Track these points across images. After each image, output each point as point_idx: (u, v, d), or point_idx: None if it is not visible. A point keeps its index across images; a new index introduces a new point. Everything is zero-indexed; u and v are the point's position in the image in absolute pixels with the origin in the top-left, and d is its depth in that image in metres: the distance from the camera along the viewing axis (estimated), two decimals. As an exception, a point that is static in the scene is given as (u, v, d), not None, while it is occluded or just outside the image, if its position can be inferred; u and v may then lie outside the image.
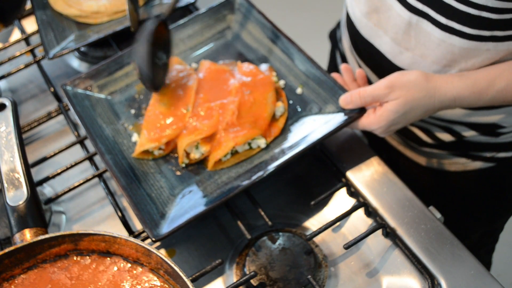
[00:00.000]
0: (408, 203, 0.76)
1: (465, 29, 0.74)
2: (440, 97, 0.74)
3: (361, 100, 0.77)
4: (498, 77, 0.74)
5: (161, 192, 0.78)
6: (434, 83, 0.74)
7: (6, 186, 0.68)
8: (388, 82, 0.75)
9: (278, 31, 0.90)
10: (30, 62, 1.01)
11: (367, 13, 0.85)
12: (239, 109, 0.82)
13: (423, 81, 0.74)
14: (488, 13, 0.72)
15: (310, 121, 0.82)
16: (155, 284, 0.63)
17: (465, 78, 0.75)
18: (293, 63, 0.88)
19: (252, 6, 0.94)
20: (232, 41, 0.95)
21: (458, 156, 0.94)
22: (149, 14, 1.00)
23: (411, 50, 0.81)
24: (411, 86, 0.74)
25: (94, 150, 0.86)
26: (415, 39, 0.80)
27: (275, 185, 0.82)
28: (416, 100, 0.74)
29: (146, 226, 0.72)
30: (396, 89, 0.74)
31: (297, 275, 0.71)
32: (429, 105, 0.75)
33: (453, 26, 0.75)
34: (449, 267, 0.69)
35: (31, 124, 0.94)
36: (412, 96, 0.74)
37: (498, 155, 0.93)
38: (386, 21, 0.82)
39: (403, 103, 0.74)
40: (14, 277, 0.64)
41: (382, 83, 0.75)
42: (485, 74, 0.75)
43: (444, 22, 0.75)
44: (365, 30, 0.87)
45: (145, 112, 0.87)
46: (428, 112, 0.76)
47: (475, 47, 0.76)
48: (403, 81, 0.74)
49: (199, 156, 0.81)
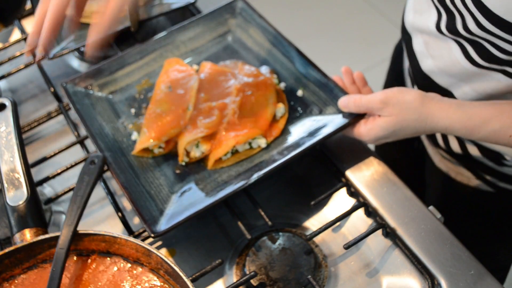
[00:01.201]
0: (408, 203, 0.76)
1: (479, 60, 0.75)
2: (431, 124, 0.74)
3: (356, 108, 0.78)
4: (495, 118, 0.71)
5: (160, 190, 0.78)
6: (428, 109, 0.73)
7: (6, 186, 0.68)
8: (383, 98, 0.75)
9: (279, 34, 0.91)
10: (30, 62, 1.01)
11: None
12: (240, 108, 0.82)
13: (418, 104, 0.74)
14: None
15: (310, 122, 0.83)
16: (155, 284, 0.63)
17: (461, 111, 0.73)
18: (294, 66, 0.88)
19: (254, 10, 0.95)
20: (233, 44, 0.95)
21: (465, 168, 0.94)
22: (149, 14, 1.00)
23: (434, 58, 0.82)
24: (404, 107, 0.74)
25: (94, 150, 0.86)
26: (438, 50, 0.81)
27: (275, 185, 0.82)
28: (407, 121, 0.74)
29: (145, 222, 0.72)
30: (390, 106, 0.75)
31: (297, 275, 0.71)
32: (420, 128, 0.75)
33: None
34: (449, 267, 0.69)
35: (31, 124, 0.94)
36: (403, 117, 0.74)
37: (499, 183, 0.92)
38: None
39: (393, 122, 0.75)
40: (14, 277, 0.64)
41: (377, 97, 0.76)
42: (482, 111, 0.72)
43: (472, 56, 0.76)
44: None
45: (145, 112, 0.87)
46: (418, 133, 0.76)
47: (485, 73, 0.76)
48: (398, 99, 0.74)
49: (199, 154, 0.81)
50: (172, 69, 0.89)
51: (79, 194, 0.67)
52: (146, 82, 0.92)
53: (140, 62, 0.93)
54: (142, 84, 0.92)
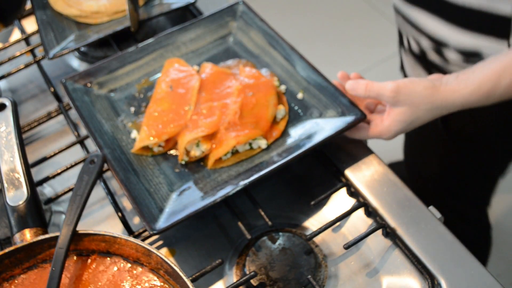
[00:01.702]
0: (408, 203, 0.76)
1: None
2: (447, 106, 0.75)
3: (366, 92, 0.78)
4: (502, 74, 0.74)
5: (159, 188, 0.78)
6: (440, 95, 0.75)
7: (6, 186, 0.68)
8: (395, 87, 0.76)
9: (280, 38, 0.91)
10: (30, 62, 1.01)
11: None
12: (241, 109, 0.82)
13: (429, 94, 0.75)
14: None
15: (310, 124, 0.83)
16: (155, 284, 0.63)
17: (470, 83, 0.75)
18: (295, 69, 0.89)
19: (255, 13, 0.95)
20: (234, 46, 0.96)
21: None
22: (149, 14, 1.00)
23: None
24: (416, 96, 0.75)
25: (94, 150, 0.86)
26: None
27: (275, 185, 0.82)
28: (422, 111, 0.76)
29: (144, 220, 0.72)
30: (401, 96, 0.75)
31: (297, 275, 0.71)
32: (436, 114, 0.77)
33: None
34: (449, 267, 0.69)
35: (31, 124, 0.94)
36: (417, 107, 0.75)
37: None
38: None
39: (409, 113, 0.76)
40: (14, 277, 0.64)
41: (389, 85, 0.76)
42: (489, 74, 0.74)
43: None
44: None
45: (144, 111, 0.87)
46: (435, 118, 0.78)
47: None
48: (409, 90, 0.75)
49: (199, 154, 0.81)
50: (173, 69, 0.89)
51: (78, 194, 0.67)
52: (146, 81, 0.92)
53: (140, 61, 0.93)
54: (142, 83, 0.92)
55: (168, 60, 0.91)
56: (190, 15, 1.07)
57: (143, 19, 0.99)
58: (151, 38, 0.94)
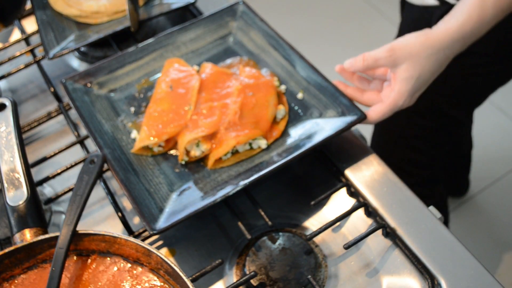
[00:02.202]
0: (408, 203, 0.76)
1: None
2: (448, 45, 0.75)
3: (364, 62, 0.79)
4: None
5: (159, 188, 0.78)
6: (436, 37, 0.75)
7: (6, 186, 0.68)
8: (389, 46, 0.77)
9: (280, 38, 0.91)
10: (30, 62, 1.01)
11: None
12: (241, 109, 0.82)
13: (424, 40, 0.75)
14: None
15: (310, 124, 0.83)
16: (155, 284, 0.63)
17: (459, 16, 0.75)
18: (295, 69, 0.89)
19: (255, 14, 0.95)
20: (234, 46, 0.96)
21: None
22: (149, 14, 1.00)
23: None
24: (411, 46, 0.75)
25: (94, 150, 0.86)
26: None
27: (275, 185, 0.82)
28: (425, 59, 0.75)
29: (144, 219, 0.72)
30: (397, 51, 0.75)
31: (297, 275, 0.71)
32: (441, 59, 0.75)
33: None
34: (449, 267, 0.69)
35: (31, 124, 0.94)
36: (418, 57, 0.75)
37: None
38: None
39: (412, 67, 0.75)
40: (14, 277, 0.64)
41: (383, 47, 0.77)
42: (471, 1, 0.75)
43: None
44: None
45: (144, 111, 0.87)
46: (442, 65, 0.77)
47: None
48: (403, 44, 0.75)
49: (199, 154, 0.81)
50: (173, 69, 0.89)
51: (78, 194, 0.67)
52: (146, 81, 0.92)
53: (140, 62, 0.93)
54: (142, 83, 0.92)
55: (168, 60, 0.91)
56: (190, 15, 1.07)
57: (143, 19, 0.99)
58: (151, 38, 0.94)
